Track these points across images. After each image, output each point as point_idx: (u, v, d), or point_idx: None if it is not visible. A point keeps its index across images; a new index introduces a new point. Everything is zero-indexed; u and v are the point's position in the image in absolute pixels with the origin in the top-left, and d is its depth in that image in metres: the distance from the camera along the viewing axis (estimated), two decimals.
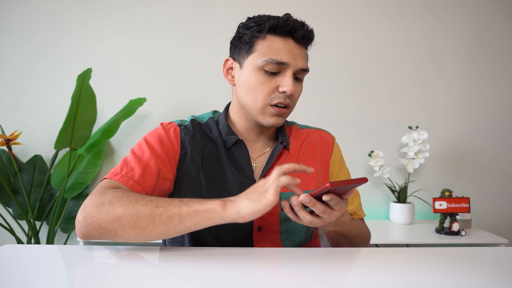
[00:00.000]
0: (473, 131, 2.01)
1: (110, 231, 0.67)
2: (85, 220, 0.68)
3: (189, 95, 1.99)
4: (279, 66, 0.80)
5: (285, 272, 0.61)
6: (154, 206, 0.67)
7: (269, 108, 0.83)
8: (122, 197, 0.69)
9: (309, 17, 2.04)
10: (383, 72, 2.01)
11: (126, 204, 0.67)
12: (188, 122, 0.90)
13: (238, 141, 0.88)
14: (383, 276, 0.59)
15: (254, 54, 0.82)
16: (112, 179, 0.77)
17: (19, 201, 1.86)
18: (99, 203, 0.68)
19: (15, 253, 0.70)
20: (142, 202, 0.67)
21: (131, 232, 0.66)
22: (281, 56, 0.80)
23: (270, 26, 0.81)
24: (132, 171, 0.78)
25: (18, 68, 1.99)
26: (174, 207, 0.66)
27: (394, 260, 0.67)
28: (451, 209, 1.65)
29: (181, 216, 0.66)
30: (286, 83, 0.81)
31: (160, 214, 0.66)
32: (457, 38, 2.00)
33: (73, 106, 1.78)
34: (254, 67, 0.82)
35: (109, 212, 0.67)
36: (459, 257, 0.69)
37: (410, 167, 1.84)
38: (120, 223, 0.66)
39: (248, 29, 0.83)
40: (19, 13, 1.99)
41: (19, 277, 0.58)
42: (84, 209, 0.69)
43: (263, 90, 0.82)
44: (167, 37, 1.99)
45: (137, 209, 0.66)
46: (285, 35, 0.81)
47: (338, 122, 1.99)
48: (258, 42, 0.82)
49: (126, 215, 0.66)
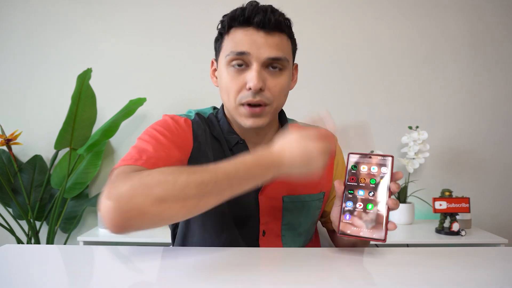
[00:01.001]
0: (473, 131, 2.01)
1: (155, 215, 0.55)
2: (119, 208, 0.54)
3: (189, 95, 1.99)
4: (243, 58, 0.74)
5: (285, 272, 0.61)
6: (200, 183, 0.57)
7: (241, 108, 0.77)
8: (151, 175, 0.58)
9: (307, 16, 2.05)
10: (383, 72, 2.01)
11: (163, 182, 0.56)
12: (194, 115, 0.85)
13: (239, 142, 0.84)
14: (383, 276, 0.59)
15: (222, 51, 0.78)
16: (133, 164, 0.66)
17: (19, 201, 1.86)
18: (128, 187, 0.56)
19: (15, 253, 0.70)
20: (182, 178, 0.57)
21: (180, 212, 0.57)
22: (240, 46, 0.74)
23: (229, 19, 0.76)
24: (154, 157, 0.68)
25: (18, 68, 1.99)
26: (222, 181, 0.59)
27: (394, 260, 0.67)
28: (451, 209, 1.65)
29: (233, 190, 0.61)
30: (249, 77, 0.74)
31: (210, 191, 0.58)
32: (457, 38, 2.00)
33: (73, 106, 1.78)
34: (223, 65, 0.78)
35: (145, 195, 0.55)
36: (459, 257, 0.69)
37: (410, 167, 1.84)
38: (166, 205, 0.55)
39: (218, 28, 0.81)
40: (19, 14, 1.99)
41: (19, 277, 0.58)
42: (111, 195, 0.55)
43: (231, 87, 0.77)
44: (167, 37, 1.99)
45: (181, 187, 0.56)
46: (244, 25, 0.75)
47: (338, 122, 1.99)
48: (224, 39, 0.78)
49: (169, 195, 0.56)
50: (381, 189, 0.66)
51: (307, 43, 1.98)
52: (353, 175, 0.69)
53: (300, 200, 0.85)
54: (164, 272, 0.60)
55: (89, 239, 1.63)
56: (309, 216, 0.88)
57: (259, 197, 0.82)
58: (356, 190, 0.68)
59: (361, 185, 0.67)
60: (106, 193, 0.56)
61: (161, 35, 1.99)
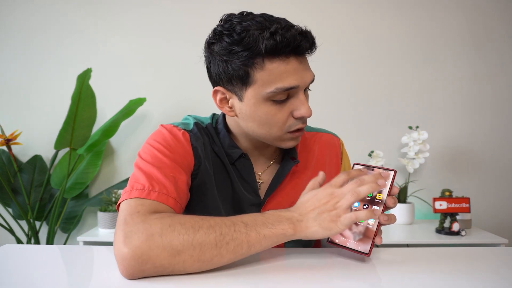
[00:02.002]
0: (473, 131, 2.01)
1: (167, 268, 0.56)
2: (136, 259, 0.54)
3: (189, 95, 1.99)
4: (288, 91, 0.69)
5: (285, 272, 0.61)
6: (219, 235, 0.57)
7: (287, 135, 0.74)
8: (174, 225, 0.57)
9: (307, 16, 2.05)
10: (383, 72, 2.01)
11: (183, 234, 0.56)
12: (193, 126, 0.80)
13: (242, 155, 0.79)
14: (383, 276, 0.59)
15: (255, 86, 0.69)
16: (146, 197, 0.64)
17: (19, 201, 1.86)
18: (148, 236, 0.56)
19: (15, 253, 0.70)
20: (202, 230, 0.57)
21: (193, 265, 0.56)
22: (288, 81, 0.67)
23: (268, 50, 0.65)
24: (165, 187, 0.66)
25: (18, 68, 1.99)
26: (241, 233, 0.58)
27: (394, 260, 0.67)
28: (451, 209, 1.65)
29: (250, 244, 0.58)
30: (302, 107, 0.70)
31: (228, 244, 0.57)
32: (457, 38, 2.00)
33: (73, 106, 1.78)
34: (259, 100, 0.70)
35: (164, 246, 0.55)
36: (459, 257, 0.69)
37: (410, 167, 1.84)
38: (180, 258, 0.56)
39: (235, 56, 0.67)
40: (19, 14, 1.99)
41: (19, 277, 0.58)
42: (130, 244, 0.55)
43: (277, 121, 0.71)
44: (167, 37, 1.99)
45: (200, 240, 0.56)
46: (287, 55, 0.67)
47: (338, 122, 1.99)
48: (255, 71, 0.67)
49: (186, 248, 0.56)
50: (376, 203, 0.65)
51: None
52: None
53: None
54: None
55: (89, 239, 1.63)
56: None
57: (261, 208, 0.80)
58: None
59: None
60: (122, 238, 0.56)
61: (161, 35, 1.99)
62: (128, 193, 0.65)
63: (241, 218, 0.61)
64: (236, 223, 0.59)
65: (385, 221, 0.63)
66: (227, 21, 0.71)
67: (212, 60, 0.73)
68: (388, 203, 0.64)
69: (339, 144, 0.91)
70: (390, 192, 0.65)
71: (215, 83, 0.75)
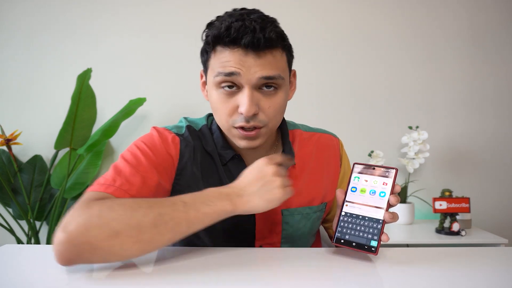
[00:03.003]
0: (473, 131, 2.01)
1: (106, 250, 0.55)
2: (71, 241, 0.53)
3: (189, 95, 1.99)
4: (233, 79, 0.69)
5: (285, 272, 0.61)
6: (157, 214, 0.57)
7: (235, 130, 0.73)
8: (113, 206, 0.58)
9: (306, 16, 2.05)
10: (383, 72, 2.01)
11: (121, 215, 0.56)
12: (185, 130, 0.80)
13: (235, 156, 0.80)
14: (383, 276, 0.59)
15: (210, 70, 0.73)
16: (104, 191, 0.64)
17: (19, 201, 1.86)
18: (85, 218, 0.55)
19: (15, 253, 0.70)
20: (142, 210, 0.57)
21: (133, 247, 0.56)
22: (228, 67, 0.68)
23: (214, 38, 0.70)
24: (128, 183, 0.67)
25: (18, 68, 1.99)
26: (179, 212, 0.59)
27: (394, 260, 0.67)
28: (451, 209, 1.65)
29: (190, 222, 0.59)
30: (242, 101, 0.69)
31: (166, 223, 0.57)
32: (457, 38, 2.00)
33: (73, 106, 1.78)
34: (211, 85, 0.73)
35: (101, 226, 0.55)
36: (459, 257, 0.69)
37: (410, 167, 1.84)
38: (118, 239, 0.55)
39: (204, 42, 0.74)
40: (19, 14, 1.99)
41: (19, 277, 0.58)
42: (66, 228, 0.55)
43: (223, 110, 0.72)
44: (167, 37, 1.99)
45: (138, 220, 0.56)
46: (230, 45, 0.69)
47: (338, 122, 1.99)
48: (211, 57, 0.72)
49: (124, 229, 0.55)
50: (379, 201, 0.66)
51: (307, 44, 1.98)
52: (354, 185, 0.69)
53: (300, 213, 0.82)
54: (164, 271, 0.60)
55: None
56: (310, 227, 0.85)
57: (256, 214, 0.79)
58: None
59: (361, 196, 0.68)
60: (62, 224, 0.56)
61: (161, 35, 1.99)
62: (91, 187, 0.67)
63: (181, 197, 0.62)
64: (176, 203, 0.60)
65: (390, 219, 0.63)
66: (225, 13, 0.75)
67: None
68: (392, 201, 0.65)
69: (338, 145, 0.90)
70: (392, 190, 0.66)
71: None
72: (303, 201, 0.83)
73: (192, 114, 1.02)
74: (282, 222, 0.81)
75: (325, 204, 0.87)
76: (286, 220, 0.81)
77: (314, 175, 0.85)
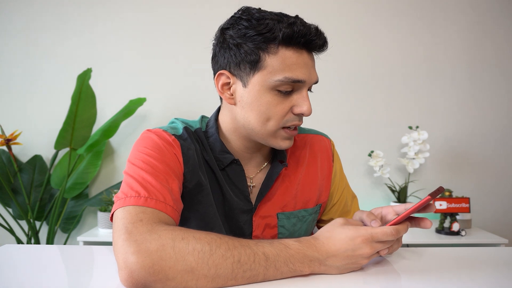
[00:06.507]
0: (473, 131, 2.01)
1: (180, 283, 0.52)
2: (147, 269, 0.51)
3: (189, 95, 1.99)
4: (294, 84, 0.69)
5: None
6: (237, 261, 0.54)
7: (281, 131, 0.72)
8: (188, 239, 0.54)
9: (307, 15, 2.04)
10: (383, 72, 2.01)
11: (198, 251, 0.53)
12: (182, 131, 0.76)
13: (234, 161, 0.77)
14: (383, 276, 0.59)
15: (264, 72, 0.68)
16: (144, 205, 0.60)
17: (19, 201, 1.86)
18: (158, 246, 0.53)
19: (15, 253, 0.70)
20: (220, 252, 0.54)
21: (207, 286, 0.53)
22: (297, 73, 0.67)
23: (284, 37, 0.66)
24: (161, 194, 0.63)
25: (18, 68, 1.99)
26: (260, 266, 0.56)
27: (394, 260, 0.67)
28: (451, 209, 1.65)
29: (266, 277, 0.56)
30: (304, 104, 0.69)
31: (244, 272, 0.55)
32: (456, 39, 2.00)
33: (73, 106, 1.78)
34: (264, 87, 0.68)
35: (177, 259, 0.52)
36: (459, 257, 0.69)
37: (410, 167, 1.84)
38: (194, 276, 0.52)
39: (249, 39, 0.68)
40: (19, 14, 1.99)
41: (19, 277, 0.58)
42: (140, 253, 0.52)
43: (276, 113, 0.69)
44: (167, 37, 1.99)
45: (216, 262, 0.53)
46: (300, 47, 0.68)
47: (338, 122, 1.99)
48: (267, 57, 0.67)
49: (201, 267, 0.53)
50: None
51: None
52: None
53: (296, 216, 0.82)
54: None
55: (89, 239, 1.63)
56: (305, 229, 0.85)
57: (253, 218, 0.78)
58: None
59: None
60: (129, 247, 0.52)
61: (161, 35, 1.99)
62: (123, 200, 0.61)
63: (263, 248, 0.57)
64: (257, 253, 0.56)
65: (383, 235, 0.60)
66: (245, 11, 0.72)
67: (223, 44, 0.72)
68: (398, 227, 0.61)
69: (330, 146, 0.89)
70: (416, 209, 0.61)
71: (221, 67, 0.73)
72: (299, 204, 0.82)
73: (192, 114, 1.02)
74: (278, 226, 0.81)
75: (320, 206, 0.87)
76: (281, 223, 0.81)
77: (308, 177, 0.84)
